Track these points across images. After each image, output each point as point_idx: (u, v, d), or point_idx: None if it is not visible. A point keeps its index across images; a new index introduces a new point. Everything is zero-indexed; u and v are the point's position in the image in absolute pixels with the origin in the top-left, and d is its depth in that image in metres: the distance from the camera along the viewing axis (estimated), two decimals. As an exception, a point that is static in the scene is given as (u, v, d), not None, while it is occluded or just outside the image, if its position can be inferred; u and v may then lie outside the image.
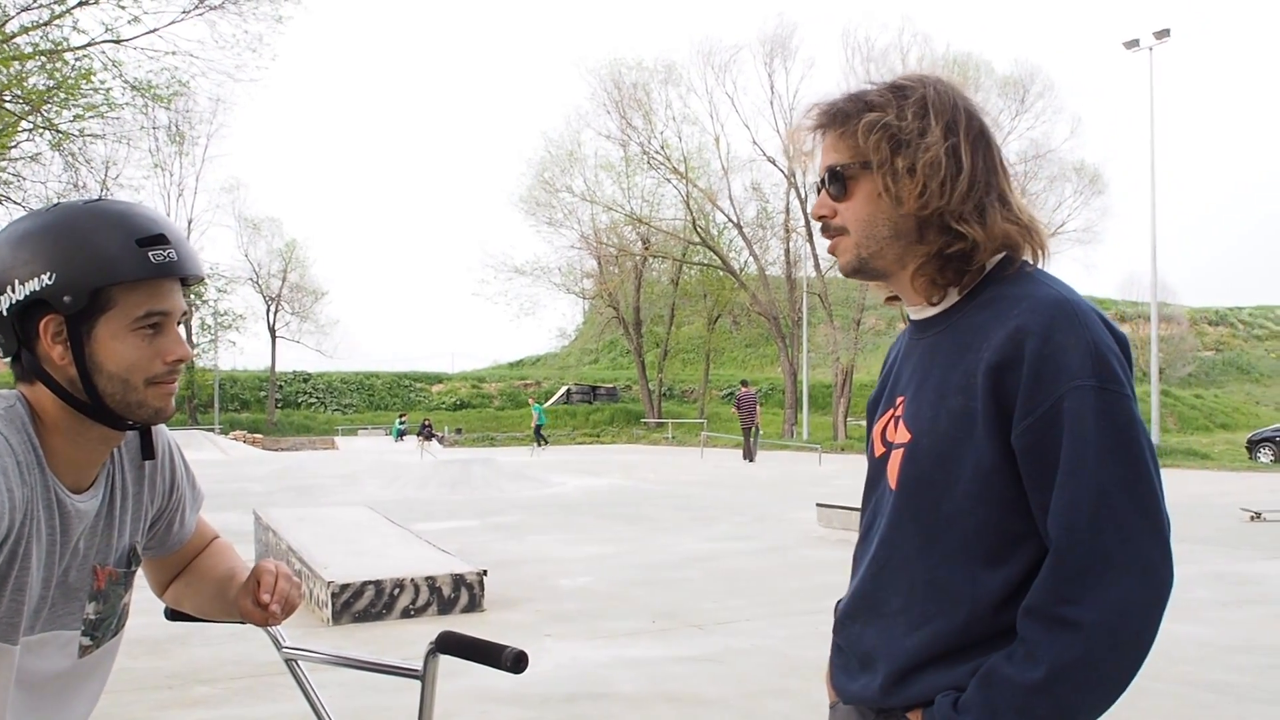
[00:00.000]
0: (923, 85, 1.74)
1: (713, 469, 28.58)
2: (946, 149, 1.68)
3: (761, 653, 7.15)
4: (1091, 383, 1.54)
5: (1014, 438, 1.58)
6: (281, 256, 60.03)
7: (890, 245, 1.74)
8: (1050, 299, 1.62)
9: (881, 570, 1.75)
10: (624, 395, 63.63)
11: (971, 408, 1.63)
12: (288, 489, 21.59)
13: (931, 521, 1.67)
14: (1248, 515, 14.91)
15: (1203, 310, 79.20)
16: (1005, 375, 1.59)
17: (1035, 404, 1.56)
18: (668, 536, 13.49)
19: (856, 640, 1.79)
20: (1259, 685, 6.30)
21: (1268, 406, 65.09)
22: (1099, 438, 1.53)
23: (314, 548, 9.24)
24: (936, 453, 1.67)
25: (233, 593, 2.04)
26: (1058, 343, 1.56)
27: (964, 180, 1.69)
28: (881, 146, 1.69)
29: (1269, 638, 7.57)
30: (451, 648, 1.97)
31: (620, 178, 53.04)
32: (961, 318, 1.73)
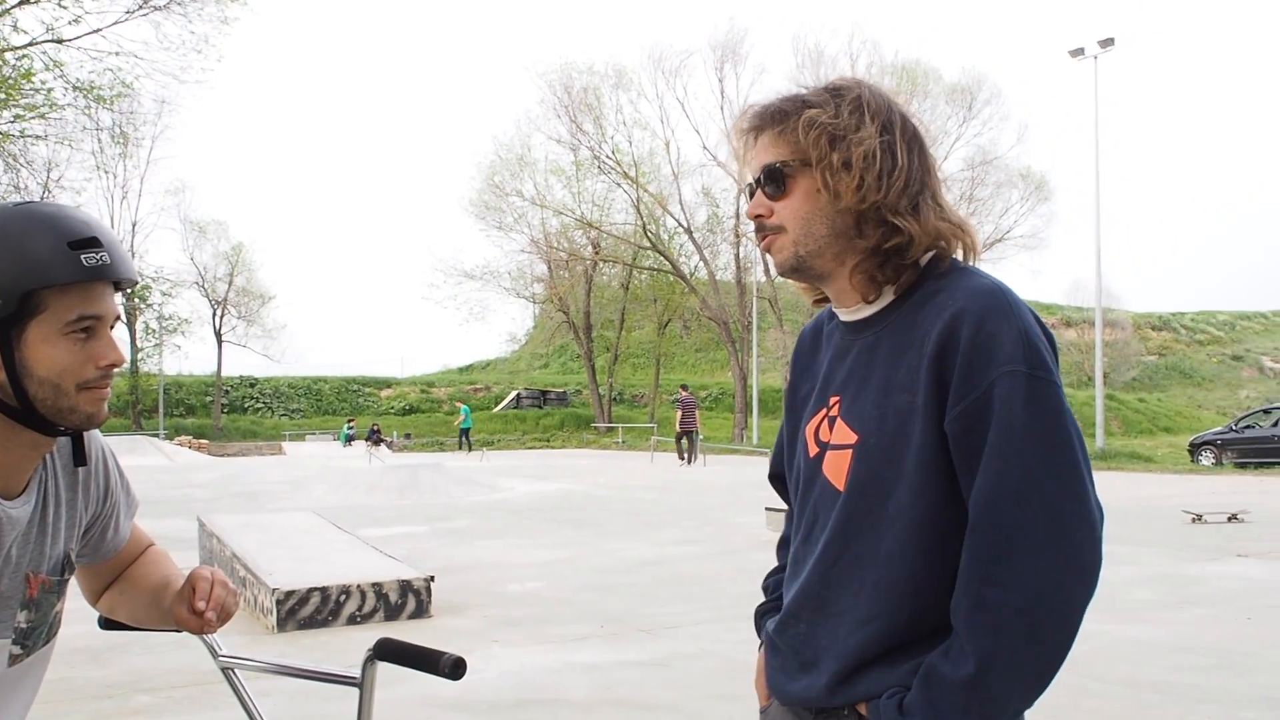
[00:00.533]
0: (858, 86, 1.76)
1: (663, 473, 28.60)
2: (882, 144, 1.70)
3: (710, 657, 7.16)
4: (1022, 369, 1.56)
5: (947, 423, 1.60)
6: (228, 260, 59.52)
7: (829, 243, 1.75)
8: (983, 288, 1.64)
9: (829, 570, 1.74)
10: (574, 400, 63.52)
11: (914, 403, 1.64)
12: (233, 495, 21.39)
13: (880, 520, 1.67)
14: (1190, 517, 15.09)
15: (1146, 315, 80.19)
16: (943, 363, 1.61)
17: (969, 389, 1.58)
18: (617, 541, 13.47)
19: (801, 641, 1.79)
20: (1199, 685, 6.37)
21: (1209, 410, 66.01)
22: (1028, 422, 1.54)
23: (258, 554, 9.14)
24: (884, 451, 1.67)
25: (168, 600, 2.01)
26: (990, 330, 1.58)
27: (900, 176, 1.70)
28: (820, 142, 1.70)
29: (1210, 638, 7.66)
30: (390, 655, 1.95)
31: (571, 182, 53.04)
32: (899, 317, 1.74)
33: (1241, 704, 5.98)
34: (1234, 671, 6.70)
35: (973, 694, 1.53)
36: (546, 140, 51.66)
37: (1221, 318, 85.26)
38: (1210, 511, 15.41)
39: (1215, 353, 78.94)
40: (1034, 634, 1.52)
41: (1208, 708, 5.93)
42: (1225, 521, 14.92)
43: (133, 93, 28.21)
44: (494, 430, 55.12)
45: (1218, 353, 78.93)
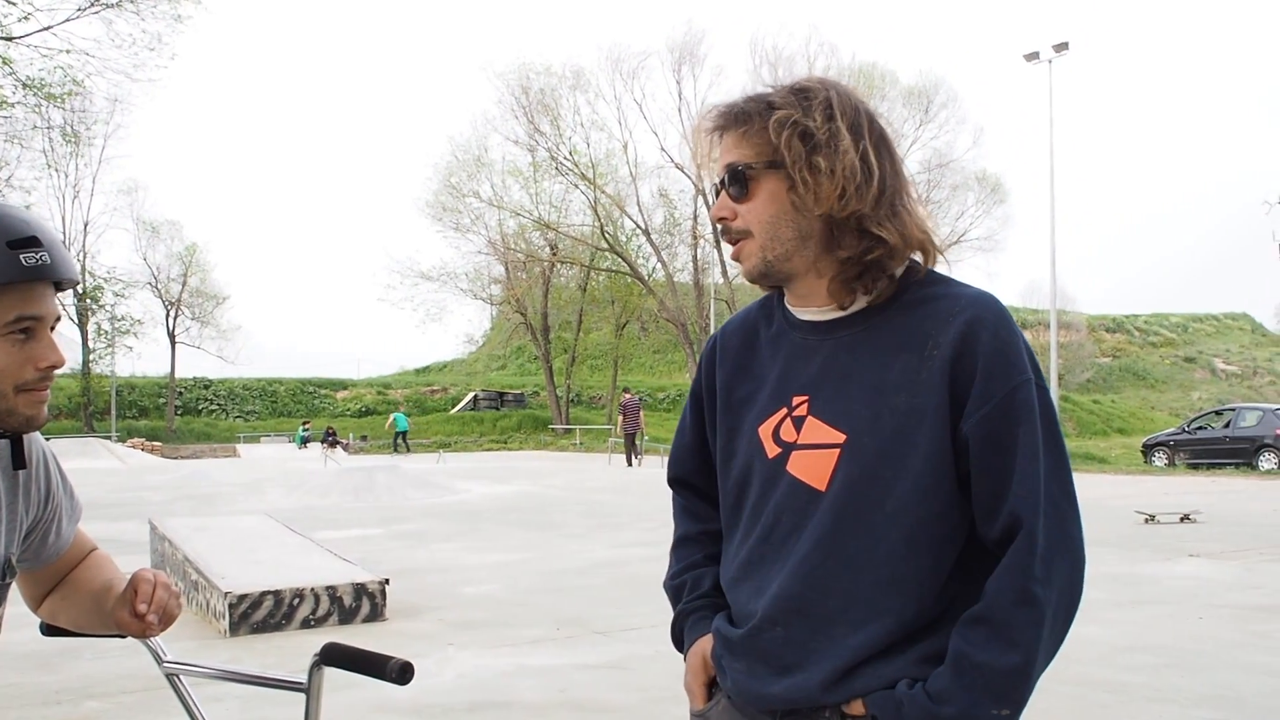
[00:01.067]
0: (824, 88, 1.73)
1: (620, 475, 28.59)
2: (859, 152, 1.68)
3: (665, 659, 7.12)
4: (1033, 378, 1.65)
5: (967, 426, 1.64)
6: (181, 260, 58.95)
7: (798, 248, 1.73)
8: (986, 297, 1.71)
9: (814, 571, 1.70)
10: (531, 401, 63.40)
11: (919, 404, 1.66)
12: (187, 498, 21.18)
13: (878, 518, 1.67)
14: (1143, 518, 15.23)
15: (1100, 318, 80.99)
16: (960, 368, 1.64)
17: (990, 394, 1.63)
18: (574, 543, 13.44)
19: (780, 645, 1.73)
20: (1152, 684, 6.42)
21: (1162, 411, 66.73)
22: (1043, 429, 1.64)
23: (211, 557, 9.05)
24: (880, 450, 1.67)
25: (109, 604, 1.97)
26: (1004, 338, 1.66)
27: (876, 185, 1.69)
28: (794, 144, 1.68)
29: (1162, 638, 7.72)
30: (336, 659, 1.92)
31: (528, 183, 52.91)
32: (884, 319, 1.73)
33: (1193, 703, 6.03)
34: (1185, 671, 6.76)
35: (1017, 681, 1.59)
36: (504, 141, 51.57)
37: (1174, 320, 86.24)
38: (1163, 512, 15.56)
39: (1168, 355, 79.84)
40: (1063, 629, 1.65)
41: (1160, 707, 5.97)
42: (1178, 522, 15.06)
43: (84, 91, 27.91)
44: (451, 432, 54.95)
45: (1170, 355, 79.83)
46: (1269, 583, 10.04)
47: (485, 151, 52.64)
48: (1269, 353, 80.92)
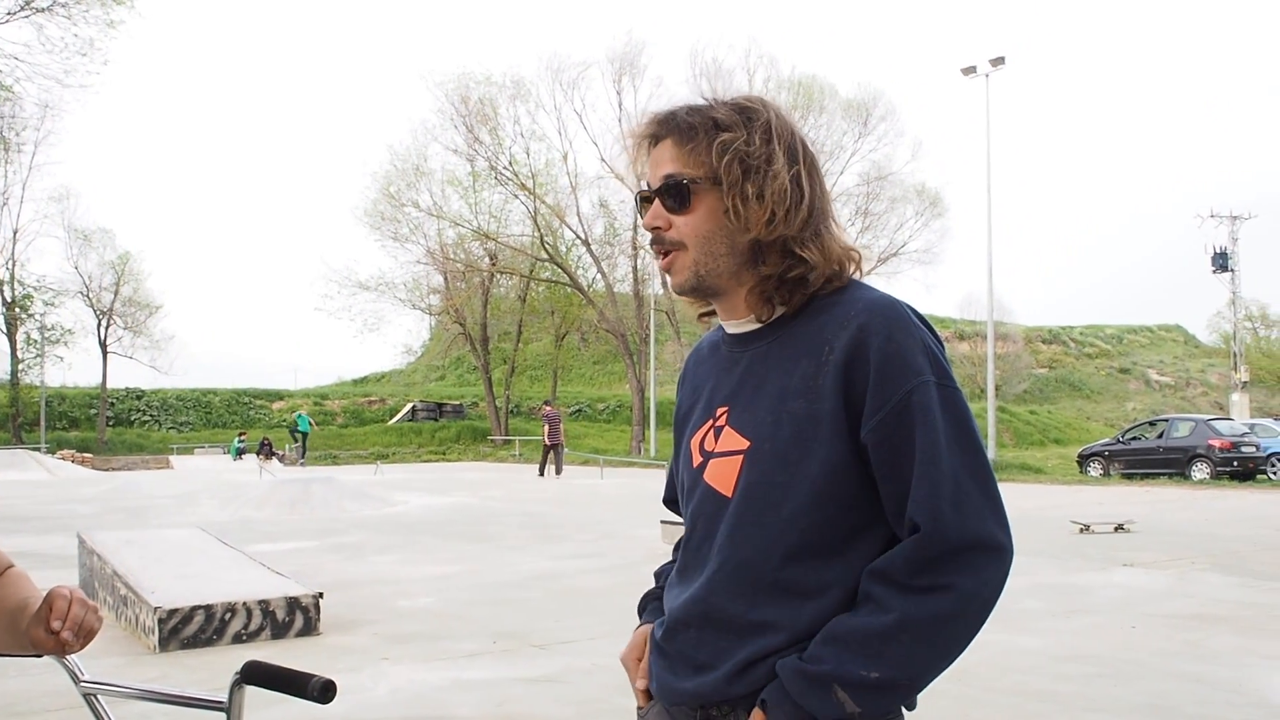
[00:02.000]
0: (765, 109, 1.76)
1: (560, 486, 28.50)
2: (791, 176, 1.72)
3: (604, 672, 7.08)
4: (932, 379, 1.64)
5: (865, 433, 1.64)
6: (114, 269, 57.93)
7: (726, 263, 1.76)
8: (882, 301, 1.70)
9: (716, 575, 1.74)
10: (470, 412, 63.06)
11: (816, 410, 1.67)
12: (118, 510, 20.83)
13: (774, 523, 1.68)
14: (1077, 528, 15.39)
15: (1037, 329, 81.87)
16: (853, 374, 1.65)
17: (884, 399, 1.63)
18: (512, 555, 13.36)
19: (692, 647, 1.77)
20: (1084, 693, 6.46)
21: (1097, 422, 67.54)
22: (946, 429, 1.63)
23: (140, 571, 8.88)
24: (778, 455, 1.69)
25: (25, 623, 1.91)
26: (899, 342, 1.65)
27: (805, 208, 1.73)
28: (733, 168, 1.70)
29: (1095, 647, 7.78)
30: (257, 678, 1.90)
31: (468, 193, 52.58)
32: (793, 327, 1.76)
33: (1126, 711, 6.08)
34: (1119, 680, 6.81)
35: (885, 643, 1.58)
36: (443, 150, 51.19)
37: (1109, 331, 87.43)
38: (1097, 522, 15.73)
39: (1103, 366, 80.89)
40: (963, 613, 1.60)
41: (1094, 715, 6.01)
42: (1112, 531, 15.23)
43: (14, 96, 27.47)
44: (389, 443, 54.50)
45: (1105, 366, 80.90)
46: (1201, 592, 10.16)
47: (424, 160, 52.31)
48: (1201, 364, 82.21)
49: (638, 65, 48.65)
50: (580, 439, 54.08)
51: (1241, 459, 28.12)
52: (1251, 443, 28.77)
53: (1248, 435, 29.37)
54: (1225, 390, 64.86)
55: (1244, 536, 15.00)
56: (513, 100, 50.33)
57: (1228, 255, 54.19)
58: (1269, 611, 9.15)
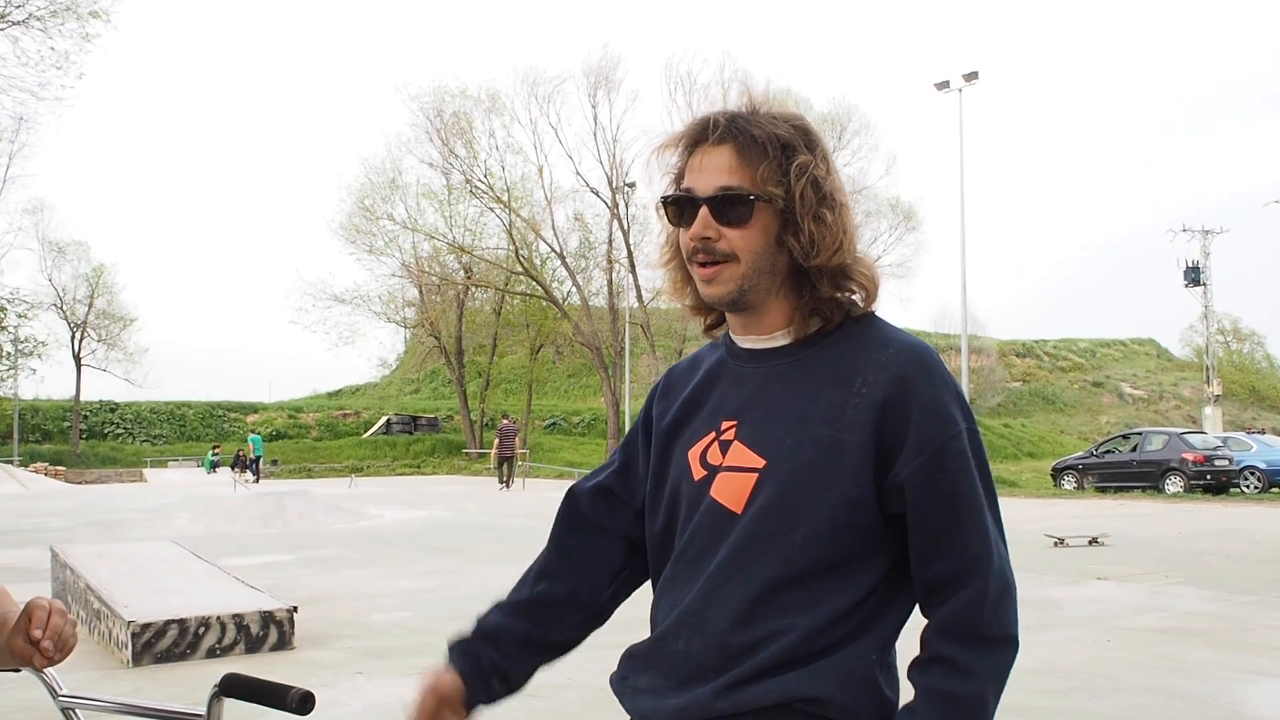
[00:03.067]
0: (818, 134, 1.80)
1: (534, 500, 28.44)
2: (848, 205, 1.77)
3: (576, 687, 7.06)
4: (967, 426, 1.69)
5: (905, 474, 1.66)
6: (88, 282, 57.67)
7: (769, 281, 1.75)
8: (920, 347, 1.73)
9: (717, 590, 1.71)
10: (445, 426, 62.92)
11: (841, 439, 1.67)
12: (91, 524, 20.67)
13: (787, 544, 1.67)
14: (1052, 541, 15.44)
15: (1011, 343, 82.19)
16: (890, 415, 1.66)
17: (926, 444, 1.65)
18: (487, 569, 13.31)
19: (679, 660, 1.74)
20: (1059, 708, 6.49)
21: (1071, 435, 67.86)
22: (980, 477, 1.69)
23: (114, 585, 8.82)
24: (798, 479, 1.67)
25: (2, 637, 1.89)
26: (938, 389, 1.68)
27: (855, 235, 1.77)
28: (808, 191, 1.71)
29: (1071, 660, 7.81)
30: (236, 690, 1.89)
31: (443, 206, 52.59)
32: (815, 352, 1.75)
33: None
34: (1093, 693, 6.84)
35: (978, 710, 1.62)
36: (418, 164, 51.20)
37: (1082, 345, 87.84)
38: (1072, 535, 15.79)
39: (1077, 379, 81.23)
40: (1012, 660, 1.68)
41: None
42: (1086, 545, 15.30)
43: (-12, 108, 27.30)
44: (363, 456, 54.34)
45: (1079, 379, 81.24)
46: (1175, 605, 10.21)
47: (400, 174, 52.30)
48: (1174, 377, 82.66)
49: (613, 79, 48.73)
50: (555, 452, 54.04)
51: (1215, 472, 28.28)
52: (1225, 456, 28.94)
53: (1221, 449, 29.54)
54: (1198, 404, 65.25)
55: (1218, 550, 15.08)
56: (488, 113, 50.41)
57: (1200, 269, 54.52)
58: (1243, 625, 9.19)
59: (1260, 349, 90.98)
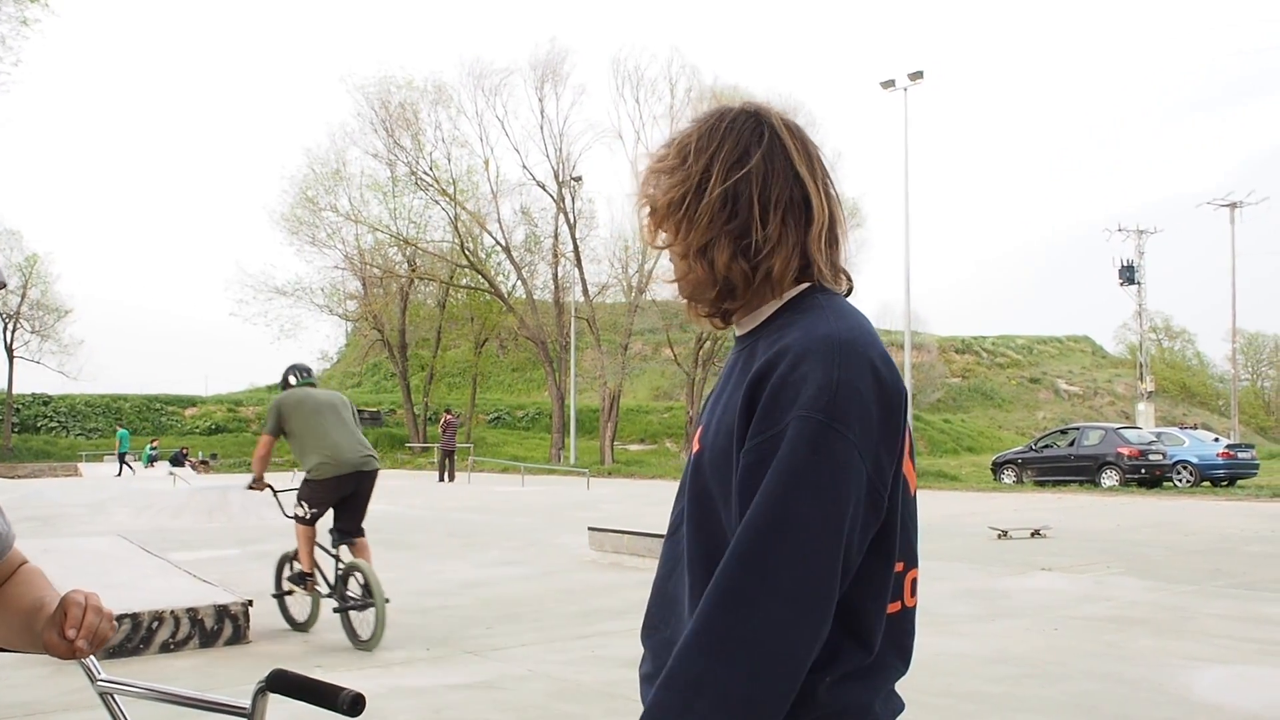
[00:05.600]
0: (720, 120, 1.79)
1: (479, 494, 28.38)
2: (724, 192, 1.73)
3: (539, 678, 7.11)
4: (819, 417, 1.53)
5: (740, 452, 1.60)
6: (21, 272, 56.69)
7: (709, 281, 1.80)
8: (819, 333, 1.62)
9: (680, 573, 1.75)
10: (388, 420, 62.61)
11: (737, 423, 1.64)
12: (28, 519, 20.36)
13: (715, 527, 1.67)
14: (995, 534, 15.65)
15: (950, 339, 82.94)
16: (754, 394, 1.61)
17: (765, 426, 1.56)
18: (438, 563, 13.31)
19: (664, 646, 1.75)
20: (1013, 694, 6.61)
21: (1009, 431, 68.70)
22: (807, 467, 1.52)
23: (63, 581, 8.68)
24: (712, 463, 1.68)
25: (40, 624, 1.91)
26: (802, 373, 1.56)
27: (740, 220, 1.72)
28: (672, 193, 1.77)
29: (1020, 648, 7.95)
30: (283, 687, 1.87)
31: (387, 198, 52.26)
32: (755, 339, 1.74)
33: (1056, 711, 6.23)
34: (1045, 680, 6.97)
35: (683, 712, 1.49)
36: (363, 155, 50.86)
37: (1020, 342, 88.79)
38: (1014, 528, 16.02)
39: (1014, 375, 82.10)
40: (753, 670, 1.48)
41: (1024, 716, 6.15)
42: (1029, 537, 15.53)
43: (-80, 94, 26.84)
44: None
45: (1016, 375, 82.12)
46: (1118, 595, 10.40)
47: (344, 165, 51.83)
48: (1109, 374, 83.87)
49: (560, 73, 48.67)
50: (499, 447, 53.94)
51: (1149, 466, 28.82)
52: (1159, 451, 29.48)
53: (1155, 444, 30.08)
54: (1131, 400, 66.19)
55: (1154, 541, 15.37)
56: (434, 105, 50.18)
57: (1134, 268, 55.30)
58: (1182, 614, 9.39)
59: (1190, 346, 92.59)
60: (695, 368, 48.08)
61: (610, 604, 9.92)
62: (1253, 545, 14.99)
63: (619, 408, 49.09)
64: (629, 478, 38.54)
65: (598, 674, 7.21)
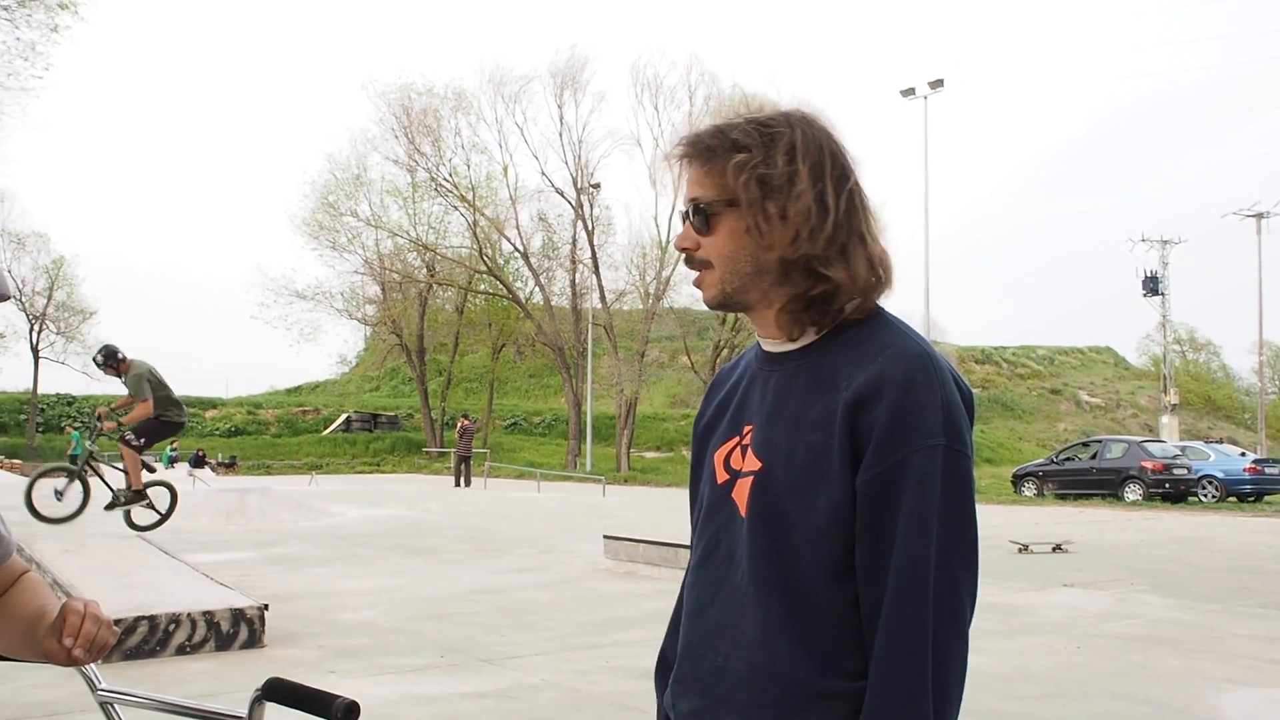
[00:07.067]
0: (789, 126, 1.74)
1: (495, 499, 28.36)
2: (815, 195, 1.69)
3: (553, 688, 7.05)
4: (942, 442, 1.59)
5: (860, 482, 1.60)
6: (48, 274, 57.02)
7: (754, 281, 1.74)
8: (913, 352, 1.66)
9: (743, 600, 1.70)
10: (406, 424, 62.70)
11: (829, 444, 1.63)
12: (48, 518, 20.41)
13: (786, 548, 1.65)
14: (1016, 548, 15.52)
15: (970, 349, 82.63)
16: (860, 417, 1.61)
17: (886, 454, 1.58)
18: (453, 569, 13.26)
19: (716, 676, 1.71)
20: (1034, 713, 6.51)
21: (1030, 442, 68.36)
22: (944, 497, 1.58)
23: (81, 581, 8.71)
24: (790, 484, 1.66)
25: (40, 633, 1.88)
26: (916, 397, 1.60)
27: (829, 225, 1.70)
28: (751, 187, 1.69)
29: (1043, 667, 7.85)
30: (278, 695, 1.86)
31: (407, 204, 52.43)
32: (821, 355, 1.73)
33: (1078, 732, 6.13)
34: (1066, 699, 6.87)
35: None
36: (383, 160, 51.02)
37: (1041, 352, 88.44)
38: (1035, 542, 15.89)
39: (1035, 386, 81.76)
40: (945, 702, 1.56)
41: (1046, 736, 6.06)
42: (1050, 552, 15.40)
43: (-52, 97, 26.98)
44: (322, 454, 54.01)
45: (1037, 386, 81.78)
46: (1142, 613, 10.29)
47: (364, 170, 52.07)
48: (1131, 386, 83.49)
49: (580, 80, 48.75)
50: (515, 452, 53.92)
51: (1173, 480, 28.57)
52: (1183, 465, 29.25)
53: (1179, 457, 29.84)
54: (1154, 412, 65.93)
55: (1179, 558, 15.22)
56: (454, 112, 50.32)
57: (1158, 279, 55.11)
58: (1209, 633, 9.28)
59: (1215, 359, 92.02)
60: (712, 375, 47.96)
61: (625, 613, 9.85)
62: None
63: (635, 414, 49.04)
64: (645, 485, 38.48)
65: (611, 684, 7.14)
